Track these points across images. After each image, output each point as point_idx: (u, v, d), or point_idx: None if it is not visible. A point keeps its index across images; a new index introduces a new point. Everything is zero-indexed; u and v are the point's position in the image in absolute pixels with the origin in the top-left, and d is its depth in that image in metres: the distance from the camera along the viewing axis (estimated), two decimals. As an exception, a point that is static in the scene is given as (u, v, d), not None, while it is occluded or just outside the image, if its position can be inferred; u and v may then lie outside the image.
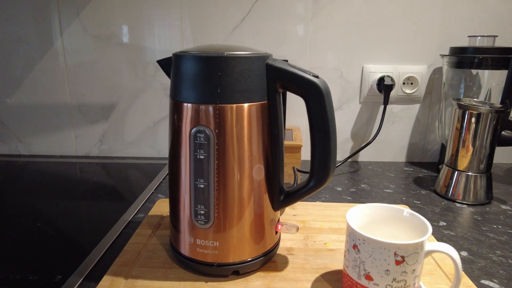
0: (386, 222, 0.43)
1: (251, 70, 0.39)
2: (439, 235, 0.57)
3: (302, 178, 0.81)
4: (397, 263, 0.36)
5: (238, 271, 0.44)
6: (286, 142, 0.75)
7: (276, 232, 0.48)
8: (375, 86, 0.86)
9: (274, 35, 0.86)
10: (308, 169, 0.81)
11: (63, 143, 0.96)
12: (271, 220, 0.46)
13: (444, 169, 0.72)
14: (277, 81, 0.41)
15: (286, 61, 0.84)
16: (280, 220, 0.49)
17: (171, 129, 0.43)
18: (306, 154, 0.94)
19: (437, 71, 0.86)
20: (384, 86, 0.82)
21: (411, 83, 0.86)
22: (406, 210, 0.42)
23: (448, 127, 0.81)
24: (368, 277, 0.37)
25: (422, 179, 0.81)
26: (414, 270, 0.37)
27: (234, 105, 0.39)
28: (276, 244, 0.49)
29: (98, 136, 0.96)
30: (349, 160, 0.94)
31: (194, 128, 0.40)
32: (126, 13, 0.86)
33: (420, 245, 0.36)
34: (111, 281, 0.45)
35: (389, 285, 0.37)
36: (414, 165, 0.90)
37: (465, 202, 0.69)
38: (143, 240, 0.54)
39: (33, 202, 0.69)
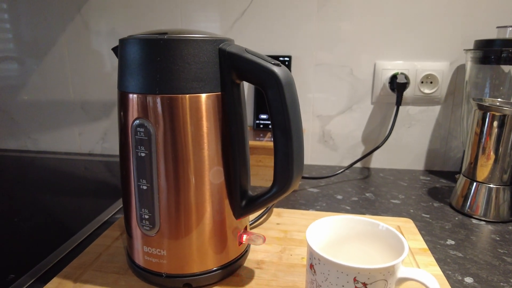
0: (360, 238, 0.36)
1: (198, 55, 0.34)
2: (442, 256, 0.49)
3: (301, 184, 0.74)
4: (357, 291, 0.29)
5: (190, 284, 0.39)
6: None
7: (240, 243, 0.42)
8: (388, 85, 0.77)
9: (277, 28, 0.80)
10: (308, 174, 0.74)
11: (68, 140, 0.97)
12: (233, 228, 0.41)
13: (461, 180, 0.63)
14: (232, 69, 0.36)
15: (290, 58, 0.79)
16: (247, 229, 0.44)
17: (118, 123, 0.39)
18: (306, 158, 0.87)
19: (461, 69, 0.76)
20: (396, 85, 0.74)
21: (431, 82, 0.77)
22: (381, 224, 0.35)
23: (470, 132, 0.71)
24: (325, 305, 0.31)
25: (438, 190, 0.71)
26: (380, 301, 0.30)
27: (179, 95, 0.34)
28: (241, 256, 0.43)
29: (100, 134, 0.95)
30: (359, 166, 0.86)
31: (135, 122, 0.35)
32: (125, 7, 0.84)
33: (388, 270, 0.29)
34: (58, 284, 0.41)
35: (349, 317, 0.30)
36: (432, 174, 0.81)
37: (483, 219, 0.59)
38: (108, 242, 0.50)
39: (22, 197, 0.69)
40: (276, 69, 0.34)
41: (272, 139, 0.76)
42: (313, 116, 0.84)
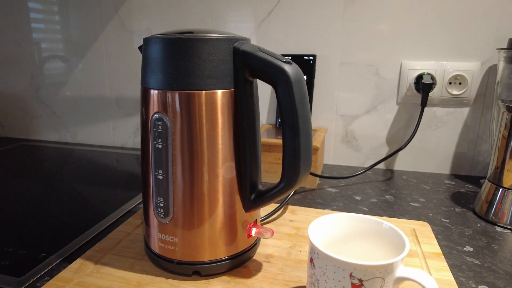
0: (364, 236, 0.36)
1: (213, 54, 0.36)
2: (458, 262, 0.47)
3: (309, 181, 0.74)
4: (354, 287, 0.30)
5: (199, 271, 0.41)
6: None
7: (249, 236, 0.44)
8: (413, 85, 0.75)
9: (303, 28, 0.81)
10: (328, 174, 0.74)
11: (103, 133, 1.03)
12: (243, 221, 0.43)
13: (486, 185, 0.60)
14: (245, 67, 0.37)
15: (315, 57, 0.79)
16: (257, 223, 0.45)
17: (140, 117, 0.41)
18: (327, 158, 0.87)
19: (493, 69, 0.73)
20: (422, 85, 0.72)
21: (459, 83, 0.74)
22: (385, 223, 0.35)
23: (500, 136, 0.68)
24: (323, 299, 0.32)
25: (462, 195, 0.69)
26: (378, 298, 0.30)
27: (195, 91, 0.36)
28: (250, 248, 0.45)
29: (132, 128, 1.00)
30: (383, 167, 0.84)
31: (154, 115, 0.38)
32: (158, 8, 0.88)
33: (385, 268, 0.29)
34: (80, 264, 0.45)
35: (346, 312, 0.31)
36: (459, 178, 0.78)
37: (509, 227, 0.56)
38: (129, 229, 0.54)
39: (58, 185, 0.74)
40: (286, 66, 0.35)
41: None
42: (337, 116, 0.84)
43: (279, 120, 0.85)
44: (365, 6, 0.76)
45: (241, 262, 0.44)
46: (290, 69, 0.35)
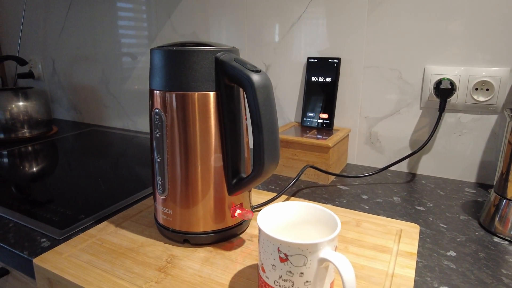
0: (314, 222, 0.41)
1: (197, 63, 0.44)
2: (432, 263, 0.49)
3: (322, 177, 0.78)
4: (281, 260, 0.36)
5: (188, 240, 0.50)
6: (314, 141, 0.75)
7: (233, 216, 0.51)
8: (433, 91, 0.75)
9: (328, 32, 0.85)
10: (347, 173, 0.78)
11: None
12: (229, 203, 0.50)
13: (491, 195, 0.59)
14: (223, 74, 0.45)
15: (339, 60, 0.82)
16: (242, 206, 0.53)
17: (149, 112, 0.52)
18: (351, 158, 0.89)
19: (525, 76, 0.69)
20: (440, 91, 0.71)
21: (487, 89, 0.72)
22: (329, 212, 0.40)
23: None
24: (262, 269, 0.38)
25: (476, 204, 0.67)
26: (302, 273, 0.36)
27: (182, 92, 0.45)
28: (235, 227, 0.52)
29: (180, 119, 1.13)
30: (405, 170, 0.85)
31: (154, 111, 0.47)
32: (202, 14, 0.99)
33: (306, 248, 0.35)
34: (105, 226, 0.57)
35: (277, 282, 0.37)
36: (483, 187, 0.75)
37: (508, 239, 0.55)
38: (150, 203, 0.65)
39: (114, 164, 0.90)
40: (252, 75, 0.42)
41: (316, 136, 0.81)
42: (361, 117, 0.86)
43: (305, 118, 0.90)
44: (389, 11, 0.77)
45: (226, 237, 0.52)
46: (256, 77, 0.42)
